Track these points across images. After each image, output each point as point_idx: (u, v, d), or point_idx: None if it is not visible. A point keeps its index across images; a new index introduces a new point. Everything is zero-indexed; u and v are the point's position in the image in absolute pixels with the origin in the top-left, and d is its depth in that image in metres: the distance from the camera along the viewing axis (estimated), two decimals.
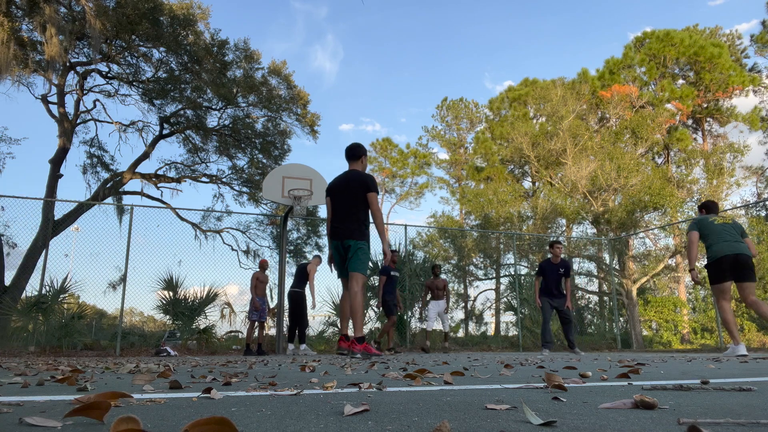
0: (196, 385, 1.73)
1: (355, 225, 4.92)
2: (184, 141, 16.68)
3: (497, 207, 20.77)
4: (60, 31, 12.83)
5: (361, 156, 5.22)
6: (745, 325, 16.20)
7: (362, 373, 2.52)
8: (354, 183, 5.00)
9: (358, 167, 5.22)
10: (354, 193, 4.98)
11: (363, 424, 0.88)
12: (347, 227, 4.92)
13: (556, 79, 24.20)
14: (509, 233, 17.06)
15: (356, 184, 4.99)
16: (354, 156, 5.21)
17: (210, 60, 15.30)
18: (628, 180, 17.73)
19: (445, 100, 31.23)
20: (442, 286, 9.82)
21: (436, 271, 9.91)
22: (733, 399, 1.23)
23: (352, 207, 4.95)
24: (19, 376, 2.37)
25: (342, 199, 5.00)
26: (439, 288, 9.82)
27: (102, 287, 15.86)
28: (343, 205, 4.99)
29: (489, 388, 1.58)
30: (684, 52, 22.22)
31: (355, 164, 5.22)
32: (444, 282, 9.88)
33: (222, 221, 16.05)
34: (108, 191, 15.34)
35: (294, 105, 17.18)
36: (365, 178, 5.01)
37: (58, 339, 9.12)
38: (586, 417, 0.94)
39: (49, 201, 12.80)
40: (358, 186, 4.98)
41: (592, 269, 19.07)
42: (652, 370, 2.69)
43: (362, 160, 5.23)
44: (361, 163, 5.23)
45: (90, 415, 0.88)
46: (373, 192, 4.96)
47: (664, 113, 20.80)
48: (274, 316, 10.58)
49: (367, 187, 4.97)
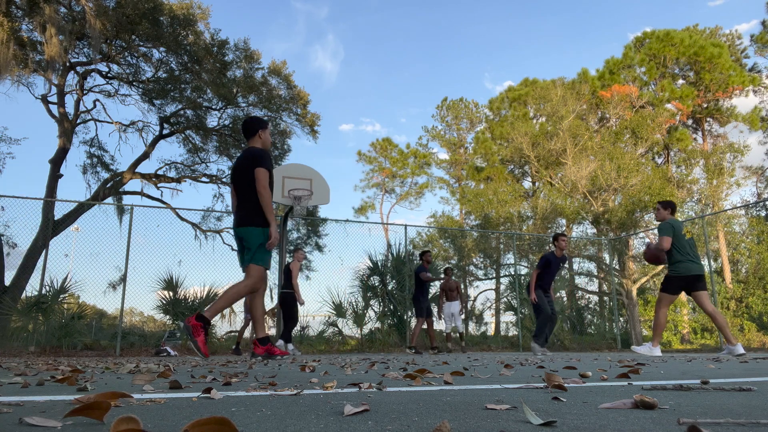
0: (196, 385, 1.73)
1: (245, 210, 4.34)
2: (184, 141, 16.68)
3: (497, 207, 20.77)
4: (60, 31, 12.83)
5: (258, 130, 4.53)
6: (745, 325, 16.21)
7: (362, 373, 2.52)
8: (246, 162, 4.37)
9: (257, 144, 4.54)
10: (245, 172, 4.35)
11: (363, 424, 0.88)
12: (240, 213, 4.37)
13: (556, 79, 24.21)
14: (509, 233, 17.06)
15: (247, 162, 4.36)
16: (249, 131, 4.56)
17: (210, 60, 15.31)
18: (628, 180, 17.74)
19: (445, 100, 31.24)
20: (455, 287, 10.04)
21: (448, 272, 10.13)
22: (733, 399, 1.23)
23: (245, 190, 4.36)
24: (19, 376, 2.37)
25: (238, 182, 4.41)
26: (452, 289, 10.03)
27: (102, 287, 15.86)
28: (239, 189, 4.41)
29: (489, 388, 1.58)
30: (684, 52, 22.22)
31: (253, 140, 4.56)
32: (456, 283, 10.11)
33: (222, 221, 16.07)
34: (108, 191, 15.34)
35: (294, 105, 17.18)
36: (254, 152, 4.37)
37: (58, 339, 9.12)
38: (586, 417, 0.94)
39: (49, 201, 12.80)
40: (249, 164, 4.34)
41: (592, 269, 19.08)
42: (652, 370, 2.69)
43: (260, 134, 4.53)
44: (259, 138, 4.54)
45: (90, 415, 0.88)
46: (261, 168, 4.27)
47: (664, 113, 20.80)
48: (273, 317, 10.58)
49: (253, 161, 4.32)
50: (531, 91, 24.78)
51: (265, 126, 4.60)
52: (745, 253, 19.09)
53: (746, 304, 17.00)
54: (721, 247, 19.40)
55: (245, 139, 4.60)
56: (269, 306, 11.13)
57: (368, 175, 32.36)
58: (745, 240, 19.13)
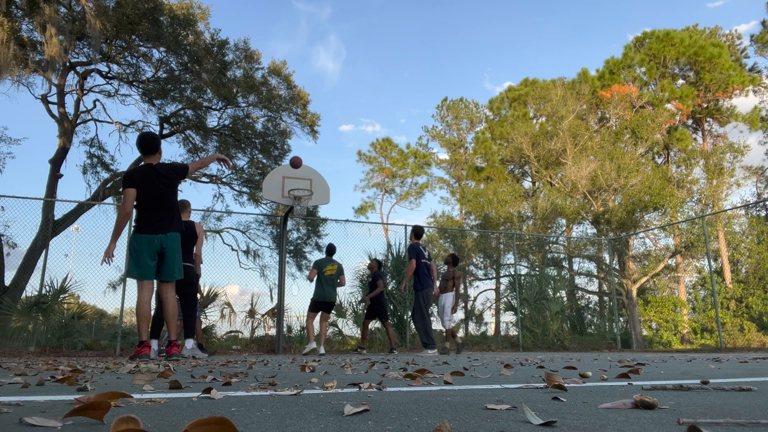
0: (196, 385, 1.73)
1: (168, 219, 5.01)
2: (184, 141, 16.68)
3: (497, 207, 20.76)
4: (60, 31, 12.83)
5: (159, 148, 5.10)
6: (745, 325, 16.21)
7: (362, 373, 2.52)
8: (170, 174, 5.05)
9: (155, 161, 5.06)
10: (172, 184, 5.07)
11: (363, 424, 0.88)
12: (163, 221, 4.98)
13: (556, 79, 24.19)
14: (509, 233, 17.06)
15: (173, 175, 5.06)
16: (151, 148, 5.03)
17: (210, 60, 15.30)
18: (628, 180, 17.73)
19: (445, 100, 31.23)
20: (451, 277, 9.07)
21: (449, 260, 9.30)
22: (733, 399, 1.23)
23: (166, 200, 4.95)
24: (19, 376, 2.37)
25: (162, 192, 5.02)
26: (447, 279, 9.10)
27: (102, 287, 15.86)
28: (157, 199, 4.95)
29: (489, 388, 1.58)
30: (684, 52, 22.21)
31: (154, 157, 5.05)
32: (454, 273, 9.10)
33: (222, 221, 16.05)
34: (108, 191, 15.33)
35: (294, 105, 17.18)
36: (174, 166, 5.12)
37: (58, 339, 9.12)
38: (586, 417, 0.94)
39: (49, 201, 12.80)
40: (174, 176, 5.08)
41: (592, 269, 19.08)
42: (652, 370, 2.69)
43: (159, 152, 5.11)
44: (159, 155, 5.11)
45: (90, 415, 0.88)
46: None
47: (664, 113, 20.79)
48: (273, 316, 10.58)
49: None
50: (531, 91, 24.77)
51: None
52: (745, 253, 19.09)
53: (746, 304, 17.01)
54: (721, 247, 19.40)
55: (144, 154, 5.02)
56: (269, 306, 11.15)
57: (368, 175, 32.38)
58: (745, 240, 19.14)
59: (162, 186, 4.81)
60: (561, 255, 18.44)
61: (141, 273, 4.66)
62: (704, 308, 18.19)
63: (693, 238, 15.87)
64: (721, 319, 15.84)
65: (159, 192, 4.79)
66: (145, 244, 4.67)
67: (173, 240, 4.77)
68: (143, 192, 4.74)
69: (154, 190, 4.77)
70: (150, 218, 4.73)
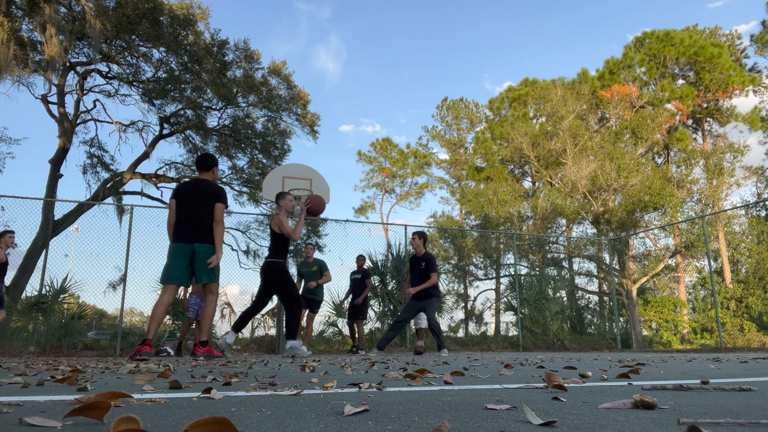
0: (196, 385, 1.73)
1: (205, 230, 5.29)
2: (184, 141, 16.67)
3: (497, 207, 20.76)
4: (60, 31, 12.83)
5: (213, 166, 5.37)
6: (745, 325, 16.21)
7: (362, 373, 2.52)
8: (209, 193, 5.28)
9: (209, 177, 5.37)
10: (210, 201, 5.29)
11: (363, 424, 0.88)
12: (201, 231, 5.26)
13: (556, 79, 24.19)
14: (509, 233, 17.05)
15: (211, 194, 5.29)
16: (205, 165, 5.34)
17: (210, 60, 15.30)
18: (628, 180, 17.73)
19: (445, 101, 31.22)
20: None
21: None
22: (733, 399, 1.23)
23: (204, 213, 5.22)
24: (19, 376, 2.37)
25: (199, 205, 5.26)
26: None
27: (102, 287, 15.84)
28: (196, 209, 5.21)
29: (489, 388, 1.58)
30: (684, 52, 22.21)
31: (207, 174, 5.36)
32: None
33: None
34: (108, 191, 15.33)
35: (294, 105, 17.18)
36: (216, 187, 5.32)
37: (58, 339, 9.12)
38: (586, 417, 0.94)
39: (49, 201, 12.80)
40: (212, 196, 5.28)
41: (592, 269, 19.08)
42: (652, 370, 2.70)
43: (214, 171, 5.39)
44: (212, 173, 5.39)
45: (90, 415, 0.88)
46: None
47: (664, 113, 20.79)
48: (273, 316, 10.58)
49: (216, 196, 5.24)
50: (531, 91, 24.76)
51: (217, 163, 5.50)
52: (745, 253, 19.10)
53: (746, 304, 17.01)
54: (721, 247, 19.40)
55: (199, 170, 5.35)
56: (269, 306, 11.14)
57: (368, 175, 32.36)
58: (745, 240, 19.14)
59: (196, 201, 5.13)
60: (561, 255, 18.44)
61: (164, 277, 5.06)
62: (704, 308, 18.20)
63: (693, 238, 15.87)
64: (721, 319, 15.84)
65: (192, 206, 5.14)
66: (177, 251, 5.06)
67: (202, 250, 5.11)
68: (179, 204, 5.16)
69: (188, 204, 5.13)
70: (180, 229, 5.14)
